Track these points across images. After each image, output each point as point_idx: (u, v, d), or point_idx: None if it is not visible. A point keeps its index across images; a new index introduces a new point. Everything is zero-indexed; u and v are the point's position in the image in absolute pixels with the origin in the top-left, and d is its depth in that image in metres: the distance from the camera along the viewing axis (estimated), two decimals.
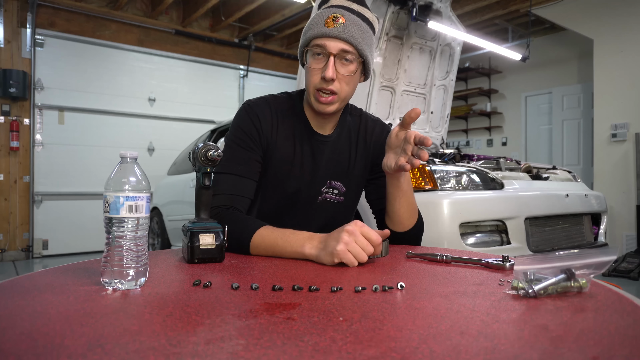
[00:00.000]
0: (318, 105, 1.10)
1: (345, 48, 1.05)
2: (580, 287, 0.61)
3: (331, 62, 1.04)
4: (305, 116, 1.20)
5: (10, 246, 5.16)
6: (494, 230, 2.30)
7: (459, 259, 0.87)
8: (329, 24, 1.04)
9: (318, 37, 1.06)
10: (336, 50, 1.05)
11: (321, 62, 1.06)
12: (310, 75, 1.08)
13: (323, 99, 1.08)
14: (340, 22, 1.04)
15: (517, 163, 2.98)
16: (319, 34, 1.05)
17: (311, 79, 1.09)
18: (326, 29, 1.04)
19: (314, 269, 0.82)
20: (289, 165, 1.18)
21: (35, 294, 0.61)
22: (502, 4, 5.51)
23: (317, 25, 1.06)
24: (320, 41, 1.05)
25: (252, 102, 1.18)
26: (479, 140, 7.57)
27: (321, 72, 1.06)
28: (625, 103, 4.85)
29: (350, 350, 0.41)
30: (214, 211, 1.05)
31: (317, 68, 1.07)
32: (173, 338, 0.44)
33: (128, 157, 0.68)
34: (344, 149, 1.23)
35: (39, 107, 5.26)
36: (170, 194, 4.51)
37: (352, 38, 1.05)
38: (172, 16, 6.30)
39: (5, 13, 5.10)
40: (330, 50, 1.05)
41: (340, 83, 1.07)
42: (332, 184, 1.22)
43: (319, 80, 1.07)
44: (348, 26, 1.05)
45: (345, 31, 1.04)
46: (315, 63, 1.07)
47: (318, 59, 1.07)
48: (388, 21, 3.27)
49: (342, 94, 1.10)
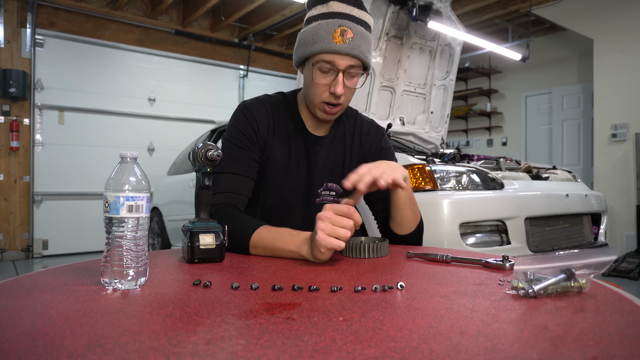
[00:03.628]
0: (324, 115, 1.12)
1: (354, 63, 1.05)
2: (580, 287, 0.61)
3: (340, 79, 1.05)
4: (301, 117, 1.20)
5: (10, 246, 5.16)
6: (494, 230, 2.30)
7: (459, 259, 0.87)
8: (338, 40, 1.02)
9: (327, 53, 1.04)
10: (345, 67, 1.04)
11: (328, 77, 1.06)
12: (317, 88, 1.08)
13: (330, 109, 1.10)
14: (349, 37, 1.02)
15: (517, 163, 2.98)
16: (328, 50, 1.03)
17: (318, 92, 1.09)
18: (335, 45, 1.02)
19: (314, 269, 0.82)
20: (285, 165, 1.18)
21: (35, 294, 0.61)
22: (502, 4, 5.51)
23: (324, 39, 1.03)
24: (329, 57, 1.04)
25: (247, 103, 1.19)
26: (479, 140, 7.57)
27: (329, 87, 1.07)
28: (625, 103, 4.85)
29: (350, 350, 0.41)
30: (213, 209, 1.04)
31: (325, 84, 1.07)
32: (173, 338, 0.44)
33: (128, 157, 0.68)
34: (339, 151, 1.23)
35: (39, 107, 5.26)
36: (170, 194, 4.51)
37: (360, 54, 1.05)
38: (172, 16, 6.30)
39: (5, 13, 5.10)
40: (339, 67, 1.04)
41: (345, 94, 1.09)
42: (329, 186, 1.22)
43: (327, 95, 1.08)
44: (357, 41, 1.03)
45: (355, 47, 1.03)
46: (322, 78, 1.07)
47: (325, 74, 1.06)
48: (388, 21, 3.27)
49: (345, 103, 1.12)
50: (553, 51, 6.56)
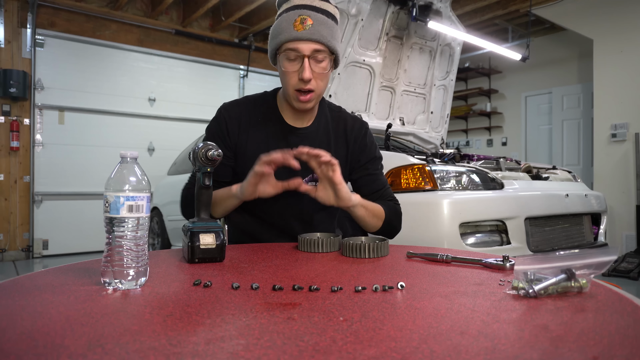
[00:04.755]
0: (299, 104, 1.17)
1: (317, 48, 1.11)
2: (581, 287, 0.61)
3: (306, 64, 1.10)
4: (279, 110, 1.25)
5: (11, 246, 5.16)
6: (494, 230, 2.29)
7: (459, 259, 0.87)
8: (298, 27, 1.09)
9: (289, 41, 1.10)
10: (309, 52, 1.10)
11: (296, 64, 1.12)
12: (288, 77, 1.14)
13: (302, 97, 1.15)
14: (308, 23, 1.09)
15: (517, 163, 2.98)
16: (290, 38, 1.10)
17: (289, 81, 1.14)
18: (296, 32, 1.09)
19: (315, 269, 0.82)
20: None
21: (35, 294, 0.61)
22: (502, 4, 5.51)
23: (286, 30, 1.10)
24: (292, 45, 1.10)
25: (223, 105, 1.27)
26: (478, 140, 7.57)
27: (298, 73, 1.12)
28: (625, 103, 4.85)
29: (351, 350, 0.41)
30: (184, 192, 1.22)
31: (294, 71, 1.13)
32: (173, 338, 0.44)
33: (128, 157, 0.68)
34: (322, 142, 1.27)
35: (39, 107, 5.26)
36: (170, 194, 4.51)
37: (322, 38, 1.10)
38: (172, 16, 6.30)
39: (5, 13, 5.10)
40: (303, 52, 1.10)
41: (315, 80, 1.14)
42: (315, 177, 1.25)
43: (297, 81, 1.13)
44: (316, 27, 1.10)
45: (315, 32, 1.10)
46: (290, 66, 1.13)
47: (292, 61, 1.12)
48: (388, 21, 3.27)
49: (319, 89, 1.16)
50: (553, 51, 6.56)
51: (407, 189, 2.23)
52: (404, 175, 2.26)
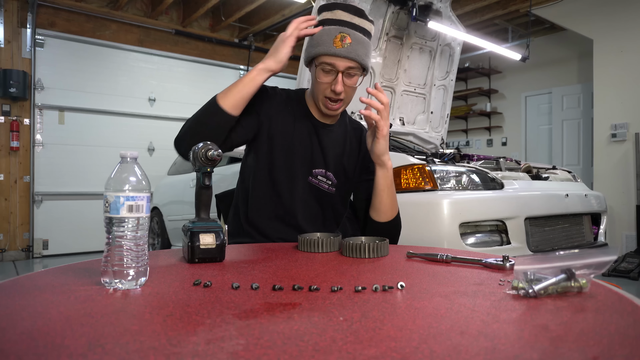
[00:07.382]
0: (327, 110, 1.27)
1: (352, 65, 1.19)
2: (581, 287, 0.61)
3: (340, 78, 1.19)
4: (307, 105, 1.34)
5: (11, 246, 5.16)
6: (494, 230, 2.29)
7: (459, 259, 0.87)
8: (337, 44, 1.17)
9: (328, 55, 1.18)
10: (343, 68, 1.19)
11: (330, 76, 1.21)
12: (321, 86, 1.23)
13: (331, 105, 1.25)
14: (347, 42, 1.17)
15: (517, 163, 2.97)
16: (328, 52, 1.18)
17: (321, 89, 1.23)
18: (335, 49, 1.17)
19: (315, 268, 0.82)
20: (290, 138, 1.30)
21: (35, 294, 0.61)
22: (502, 4, 5.51)
23: (325, 43, 1.18)
24: (329, 59, 1.18)
25: (274, 87, 1.36)
26: (478, 140, 7.57)
27: (330, 85, 1.21)
28: (625, 103, 4.85)
29: (351, 350, 0.41)
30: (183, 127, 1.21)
31: (327, 82, 1.21)
32: (173, 338, 0.44)
33: (128, 157, 0.68)
34: (340, 142, 1.36)
35: (39, 107, 5.26)
36: (170, 194, 4.51)
37: (357, 57, 1.19)
38: (172, 16, 6.30)
39: (5, 13, 5.10)
40: (338, 68, 1.19)
41: (345, 92, 1.23)
42: (327, 174, 1.32)
43: (329, 92, 1.22)
44: (354, 46, 1.18)
45: (352, 51, 1.18)
46: (325, 77, 1.21)
47: (327, 73, 1.21)
48: (388, 21, 3.27)
49: (347, 99, 1.27)
50: (553, 51, 6.56)
51: (407, 189, 2.23)
52: (404, 175, 2.26)
